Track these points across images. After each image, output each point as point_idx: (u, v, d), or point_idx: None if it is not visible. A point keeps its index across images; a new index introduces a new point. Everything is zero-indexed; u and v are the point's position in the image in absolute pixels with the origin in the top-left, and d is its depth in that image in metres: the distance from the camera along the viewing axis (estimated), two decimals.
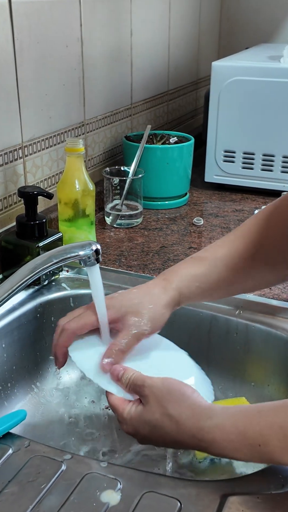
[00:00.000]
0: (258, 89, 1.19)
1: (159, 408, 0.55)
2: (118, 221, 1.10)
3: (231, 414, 0.52)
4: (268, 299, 0.82)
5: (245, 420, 0.51)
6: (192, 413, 0.53)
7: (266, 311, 0.80)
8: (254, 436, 0.49)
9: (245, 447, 0.49)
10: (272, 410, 0.50)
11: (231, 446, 0.50)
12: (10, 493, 0.50)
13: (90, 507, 0.49)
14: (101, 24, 1.12)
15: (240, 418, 0.51)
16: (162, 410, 0.54)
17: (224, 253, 0.69)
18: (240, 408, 0.53)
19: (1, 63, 0.87)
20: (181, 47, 1.52)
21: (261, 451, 0.49)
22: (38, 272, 0.64)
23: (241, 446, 0.50)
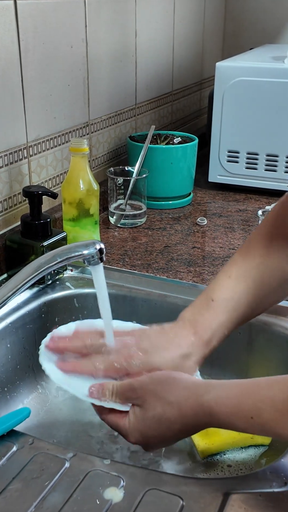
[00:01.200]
0: (262, 89, 1.19)
1: (157, 401, 0.55)
2: (122, 221, 1.10)
3: (227, 387, 0.53)
4: None
5: (240, 393, 0.52)
6: (190, 393, 0.54)
7: (270, 311, 0.80)
8: (247, 408, 0.50)
9: (239, 420, 0.51)
10: (267, 384, 0.52)
11: (227, 419, 0.51)
12: (14, 490, 0.51)
13: (93, 504, 0.49)
14: (105, 24, 1.13)
15: (235, 391, 0.52)
16: (161, 401, 0.55)
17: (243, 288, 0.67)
18: (236, 382, 0.54)
19: (7, 64, 0.88)
20: (186, 48, 1.53)
21: (254, 422, 0.50)
22: (42, 271, 0.65)
23: (236, 418, 0.51)
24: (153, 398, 0.55)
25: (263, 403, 0.50)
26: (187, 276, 0.90)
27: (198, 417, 0.53)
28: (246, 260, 0.68)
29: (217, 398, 0.52)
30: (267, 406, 0.49)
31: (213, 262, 0.96)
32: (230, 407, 0.51)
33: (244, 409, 0.50)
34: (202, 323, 0.65)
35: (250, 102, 1.20)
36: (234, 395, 0.52)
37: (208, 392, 0.53)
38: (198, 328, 0.65)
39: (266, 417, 0.49)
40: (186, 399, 0.54)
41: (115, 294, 0.84)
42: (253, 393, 0.51)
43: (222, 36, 1.78)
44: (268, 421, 0.49)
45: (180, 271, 0.92)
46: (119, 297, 0.85)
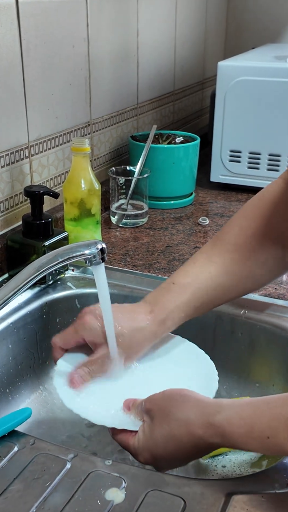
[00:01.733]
0: (264, 89, 1.19)
1: (165, 417, 0.54)
2: (123, 221, 1.10)
3: (239, 407, 0.52)
4: (273, 299, 0.82)
5: (253, 413, 0.51)
6: (200, 412, 0.53)
7: (271, 311, 0.80)
8: (261, 429, 0.49)
9: (254, 440, 0.49)
10: (280, 402, 0.50)
11: (241, 440, 0.50)
12: (16, 490, 0.50)
13: (94, 505, 0.49)
14: (107, 24, 1.12)
15: (247, 411, 0.51)
16: (169, 417, 0.54)
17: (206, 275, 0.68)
18: (248, 401, 0.53)
19: (8, 63, 0.87)
20: (187, 47, 1.52)
21: (270, 442, 0.49)
22: (43, 271, 0.64)
23: (250, 439, 0.50)
24: (161, 414, 0.55)
25: (278, 421, 0.48)
26: None
27: (209, 437, 0.52)
28: (215, 248, 0.70)
29: (229, 418, 0.51)
30: (281, 425, 0.48)
31: None
32: (244, 428, 0.50)
33: (259, 429, 0.49)
34: (160, 303, 0.67)
35: (252, 102, 1.20)
36: (247, 415, 0.51)
37: (219, 412, 0.52)
38: (154, 308, 0.67)
39: (282, 436, 0.48)
40: (195, 418, 0.53)
41: (117, 294, 0.84)
42: (267, 412, 0.50)
43: (224, 35, 1.77)
44: (284, 440, 0.48)
45: None
46: (121, 297, 0.85)
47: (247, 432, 0.50)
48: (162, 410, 0.55)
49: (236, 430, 0.50)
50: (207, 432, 0.52)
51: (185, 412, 0.53)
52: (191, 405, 0.54)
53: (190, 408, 0.54)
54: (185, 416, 0.53)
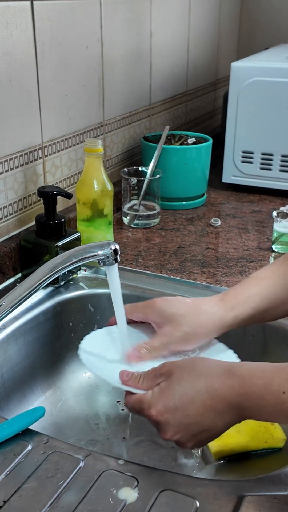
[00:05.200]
0: (277, 90, 1.18)
1: (185, 371, 0.54)
2: (135, 221, 1.10)
3: (262, 364, 0.53)
4: None
5: (274, 368, 0.52)
6: (222, 363, 0.54)
7: None
8: (279, 382, 0.50)
9: (270, 394, 0.50)
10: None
11: (258, 392, 0.50)
12: (30, 488, 0.51)
13: (107, 504, 0.49)
14: (121, 25, 1.13)
15: (269, 367, 0.52)
16: (189, 370, 0.54)
17: (284, 270, 0.67)
18: (271, 363, 0.54)
19: (23, 64, 0.88)
20: (200, 48, 1.52)
21: (285, 399, 0.49)
22: (57, 271, 0.65)
23: (267, 392, 0.50)
24: (181, 370, 0.55)
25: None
26: (201, 277, 0.90)
27: (225, 388, 0.51)
28: (283, 265, 0.68)
29: (250, 369, 0.52)
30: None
31: (227, 263, 0.95)
32: (263, 380, 0.51)
33: (277, 382, 0.50)
34: (231, 292, 0.67)
35: (265, 103, 1.20)
36: (268, 370, 0.52)
37: (241, 366, 0.53)
38: (225, 296, 0.67)
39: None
40: (216, 368, 0.53)
41: (129, 295, 0.84)
42: (282, 367, 0.51)
43: (237, 36, 1.77)
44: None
45: (194, 272, 0.92)
46: (133, 298, 0.85)
47: (266, 384, 0.50)
48: (183, 367, 0.55)
49: (255, 382, 0.51)
50: (225, 382, 0.52)
51: (207, 365, 0.54)
52: (213, 361, 0.55)
53: (212, 362, 0.55)
54: (207, 367, 0.54)
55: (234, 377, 0.52)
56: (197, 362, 0.56)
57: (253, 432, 0.69)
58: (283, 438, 0.70)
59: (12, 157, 0.89)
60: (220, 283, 0.89)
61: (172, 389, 0.54)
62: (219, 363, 0.55)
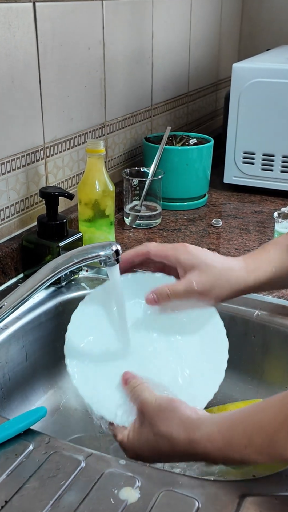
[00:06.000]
0: (279, 91, 1.18)
1: (151, 428, 0.55)
2: (137, 222, 1.11)
3: (217, 421, 0.53)
4: (286, 301, 0.82)
5: (231, 425, 0.51)
6: (183, 428, 0.54)
7: (285, 313, 0.80)
8: (238, 439, 0.50)
9: (234, 452, 0.50)
10: (255, 410, 0.51)
11: (223, 454, 0.51)
12: (31, 488, 0.51)
13: (108, 504, 0.50)
14: (123, 26, 1.13)
15: (225, 424, 0.52)
16: (154, 430, 0.55)
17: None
18: (227, 415, 0.54)
19: (25, 65, 0.88)
20: (202, 49, 1.53)
21: (249, 451, 0.49)
22: (59, 271, 0.65)
23: (230, 452, 0.50)
24: (148, 423, 0.56)
25: (252, 428, 0.49)
26: None
27: (190, 452, 0.53)
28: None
29: (208, 435, 0.52)
30: (255, 430, 0.48)
31: None
32: (223, 442, 0.51)
33: (236, 440, 0.50)
34: (252, 256, 0.67)
35: (267, 103, 1.20)
36: (226, 429, 0.51)
37: (199, 430, 0.53)
38: (247, 259, 0.66)
39: (258, 442, 0.48)
40: (177, 435, 0.54)
41: None
42: (242, 422, 0.51)
43: (239, 37, 1.77)
44: (262, 447, 0.48)
45: None
46: None
47: (226, 444, 0.50)
48: (150, 418, 0.56)
49: (215, 446, 0.51)
50: (188, 449, 0.53)
51: (169, 429, 0.54)
52: (176, 421, 0.54)
53: (175, 425, 0.54)
54: (169, 433, 0.54)
55: (194, 445, 0.52)
56: (162, 421, 0.55)
57: None
58: None
59: (14, 157, 0.89)
60: None
61: (141, 443, 0.56)
62: (180, 427, 0.54)
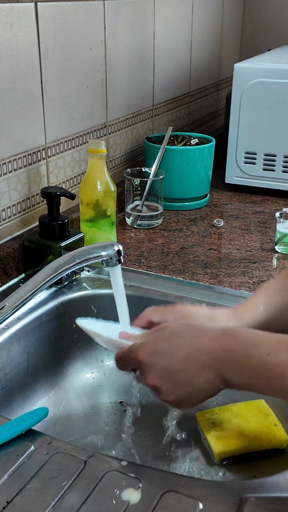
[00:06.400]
0: (280, 91, 1.18)
1: (180, 325, 0.57)
2: (138, 222, 1.11)
3: (249, 325, 0.57)
4: None
5: (266, 333, 0.54)
6: (214, 324, 0.57)
7: None
8: (268, 344, 0.52)
9: (255, 352, 0.52)
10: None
11: (244, 349, 0.52)
12: (33, 489, 0.51)
13: (110, 505, 0.50)
14: (124, 26, 1.13)
15: (259, 332, 0.54)
16: (185, 324, 0.57)
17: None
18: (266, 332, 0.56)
19: (27, 66, 0.88)
20: (203, 49, 1.52)
21: (269, 361, 0.50)
22: (61, 272, 0.65)
23: (252, 351, 0.52)
24: (176, 324, 0.57)
25: (283, 343, 0.51)
26: (204, 278, 0.90)
27: (217, 342, 0.53)
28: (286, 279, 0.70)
29: (243, 330, 0.55)
30: (285, 346, 0.51)
31: (229, 264, 0.95)
32: (252, 339, 0.53)
33: (265, 344, 0.52)
34: (242, 303, 0.69)
35: (268, 104, 1.20)
36: (261, 333, 0.54)
37: (237, 327, 0.56)
38: (237, 307, 0.68)
39: (281, 357, 0.50)
40: (209, 326, 0.56)
41: (131, 295, 0.84)
42: (276, 335, 0.53)
43: (240, 37, 1.77)
44: (281, 363, 0.50)
45: (197, 272, 0.92)
46: (136, 298, 0.85)
47: (253, 343, 0.52)
48: (178, 323, 0.58)
49: (244, 340, 0.53)
50: (216, 338, 0.54)
51: (200, 322, 0.57)
52: (206, 320, 0.59)
53: (205, 321, 0.58)
54: (200, 325, 0.56)
55: (226, 335, 0.54)
56: (193, 322, 0.59)
57: (256, 433, 0.69)
58: (286, 439, 0.70)
59: (15, 158, 0.89)
60: (222, 284, 0.89)
61: (164, 337, 0.57)
62: (217, 325, 0.58)
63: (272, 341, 0.52)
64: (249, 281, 0.89)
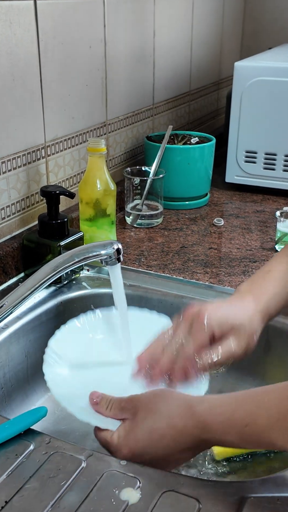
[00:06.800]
0: (281, 89, 1.18)
1: (149, 412, 0.54)
2: (138, 221, 1.10)
3: (222, 397, 0.53)
4: None
5: (235, 401, 0.51)
6: (182, 403, 0.53)
7: (287, 312, 0.79)
8: (241, 416, 0.49)
9: (232, 428, 0.50)
10: (262, 391, 0.51)
11: (221, 429, 0.50)
12: (32, 489, 0.51)
13: (109, 504, 0.49)
14: (124, 25, 1.13)
15: (230, 400, 0.52)
16: (152, 412, 0.54)
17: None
18: (232, 394, 0.54)
19: (26, 64, 0.88)
20: (204, 47, 1.52)
21: (250, 431, 0.49)
22: (60, 270, 0.65)
23: (229, 428, 0.50)
24: (144, 409, 0.55)
25: (258, 408, 0.48)
26: (204, 277, 0.90)
27: (189, 428, 0.52)
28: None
29: (210, 407, 0.51)
30: (262, 412, 0.48)
31: (230, 263, 0.95)
32: (224, 417, 0.50)
33: (239, 417, 0.49)
34: (258, 291, 0.66)
35: (269, 102, 1.20)
36: (228, 404, 0.51)
37: (201, 403, 0.52)
38: (254, 297, 0.66)
39: (261, 423, 0.48)
40: (177, 409, 0.53)
41: (131, 295, 0.84)
42: (248, 401, 0.50)
43: (241, 35, 1.77)
44: (263, 429, 0.48)
45: (197, 272, 0.92)
46: (135, 298, 0.85)
47: (227, 419, 0.50)
48: (145, 405, 0.55)
49: (216, 419, 0.50)
50: (187, 423, 0.52)
51: (168, 405, 0.54)
52: (175, 398, 0.54)
53: (173, 400, 0.54)
54: (168, 409, 0.53)
55: (194, 418, 0.52)
56: (159, 398, 0.55)
57: None
58: None
59: (15, 156, 0.89)
60: (223, 283, 0.88)
61: (136, 433, 0.55)
62: (180, 401, 0.54)
63: (243, 409, 0.50)
64: None
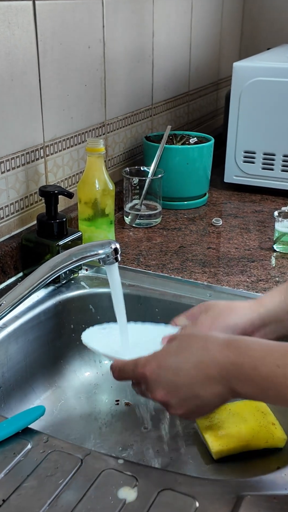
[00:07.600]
0: (280, 89, 1.18)
1: (185, 337, 0.57)
2: (137, 221, 1.10)
3: (261, 339, 0.55)
4: None
5: (272, 344, 0.53)
6: (220, 335, 0.55)
7: None
8: (276, 356, 0.51)
9: (264, 365, 0.50)
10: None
11: (252, 362, 0.51)
12: (29, 487, 0.51)
13: (107, 503, 0.49)
14: (123, 25, 1.13)
15: (267, 342, 0.53)
16: (190, 336, 0.56)
17: None
18: (269, 340, 0.55)
19: (25, 64, 0.88)
20: (203, 48, 1.52)
21: (279, 372, 0.49)
22: (58, 270, 0.65)
23: (261, 363, 0.51)
24: (181, 337, 0.57)
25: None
26: (202, 277, 0.90)
27: (223, 355, 0.53)
28: None
29: (248, 343, 0.53)
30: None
31: (228, 263, 0.95)
32: (260, 352, 0.52)
33: (274, 355, 0.51)
34: (260, 300, 0.68)
35: (267, 103, 1.20)
36: (266, 344, 0.53)
37: (240, 338, 0.54)
38: (259, 299, 0.68)
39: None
40: (215, 338, 0.55)
41: (130, 294, 0.84)
42: (282, 345, 0.52)
43: (240, 36, 1.77)
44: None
45: (195, 271, 0.92)
46: (134, 297, 0.85)
47: (261, 356, 0.51)
48: (184, 335, 0.57)
49: (251, 353, 0.52)
50: (222, 351, 0.53)
51: (207, 334, 0.56)
52: (214, 333, 0.57)
53: (213, 333, 0.56)
54: (206, 336, 0.55)
55: (231, 348, 0.53)
56: (197, 332, 0.58)
57: (254, 432, 0.69)
58: (284, 438, 0.70)
59: (13, 156, 0.89)
60: (221, 282, 0.88)
61: (169, 350, 0.56)
62: (219, 334, 0.56)
63: (280, 352, 0.51)
64: (247, 280, 0.89)
